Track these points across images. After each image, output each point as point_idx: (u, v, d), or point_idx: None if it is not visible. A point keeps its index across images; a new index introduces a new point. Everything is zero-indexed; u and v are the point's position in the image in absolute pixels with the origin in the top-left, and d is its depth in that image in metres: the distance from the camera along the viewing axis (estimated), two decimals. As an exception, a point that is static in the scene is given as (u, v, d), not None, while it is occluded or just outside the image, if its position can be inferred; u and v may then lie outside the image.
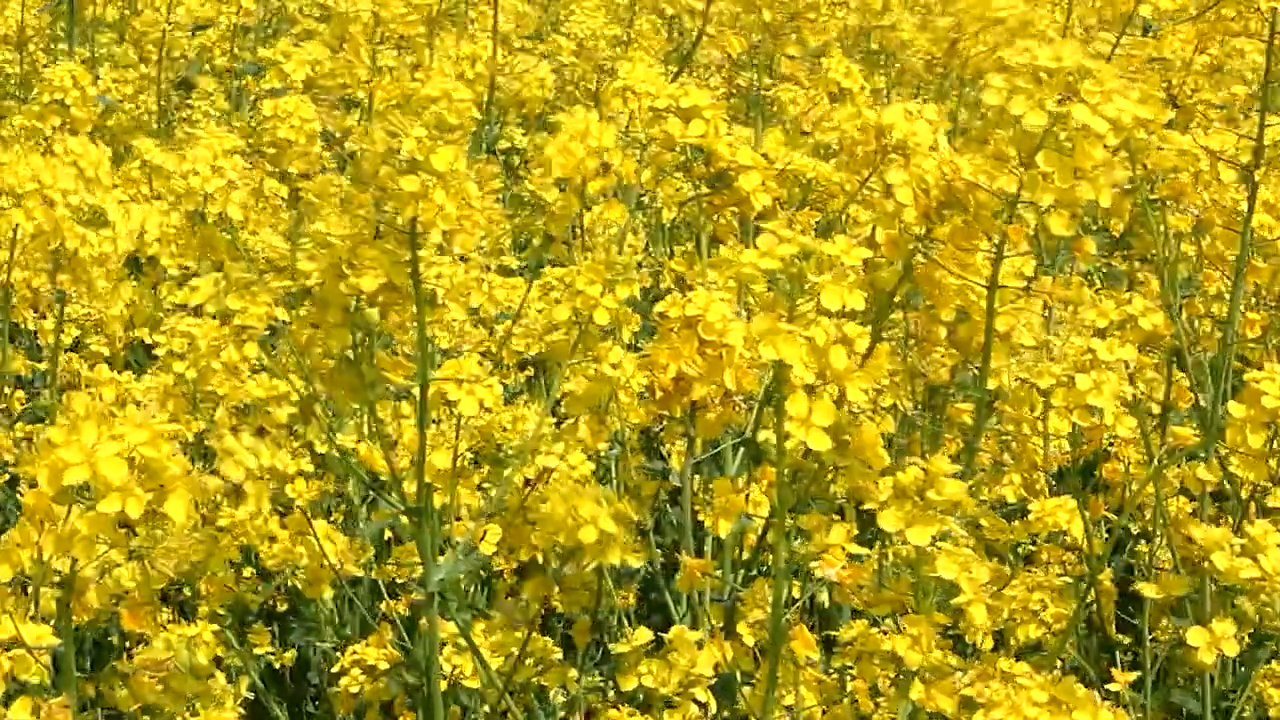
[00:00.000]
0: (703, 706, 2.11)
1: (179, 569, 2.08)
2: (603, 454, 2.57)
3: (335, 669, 2.75)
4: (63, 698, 1.99)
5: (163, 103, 4.03)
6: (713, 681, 2.11)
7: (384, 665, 2.72)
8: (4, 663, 2.10)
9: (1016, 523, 2.40)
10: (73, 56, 4.10)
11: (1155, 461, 2.41)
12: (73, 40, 4.23)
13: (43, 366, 3.35)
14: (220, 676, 2.61)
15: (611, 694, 2.50)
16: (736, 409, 2.03)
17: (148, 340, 2.95)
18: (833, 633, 2.35)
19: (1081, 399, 2.14)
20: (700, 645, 2.05)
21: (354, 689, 2.72)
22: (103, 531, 1.65)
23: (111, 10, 4.48)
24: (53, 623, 2.22)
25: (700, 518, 2.66)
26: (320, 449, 2.60)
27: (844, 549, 1.88)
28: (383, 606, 2.93)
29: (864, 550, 1.91)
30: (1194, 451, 2.60)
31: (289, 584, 2.95)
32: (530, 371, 3.21)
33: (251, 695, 2.80)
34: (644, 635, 2.05)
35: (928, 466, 1.89)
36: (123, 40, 4.35)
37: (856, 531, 1.93)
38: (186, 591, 2.86)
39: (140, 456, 1.63)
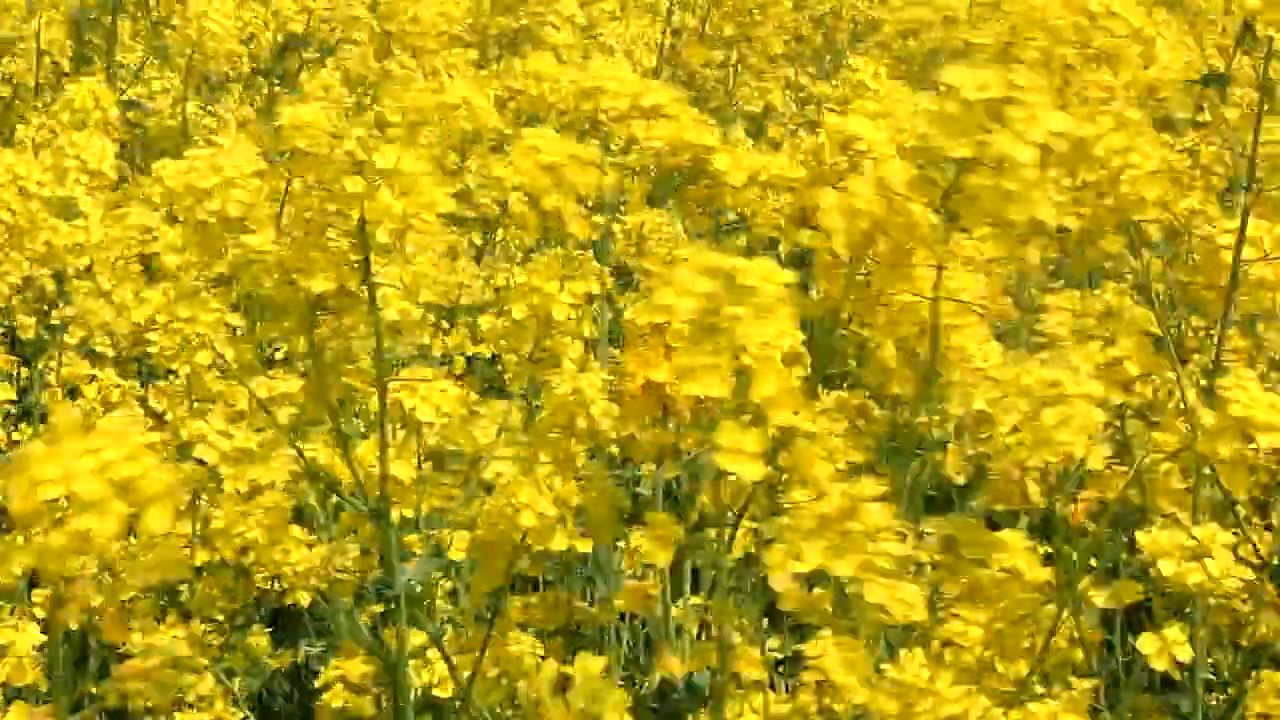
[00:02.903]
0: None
1: (148, 581, 2.09)
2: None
3: (319, 683, 2.75)
4: (49, 707, 2.01)
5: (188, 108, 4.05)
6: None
7: (368, 681, 2.71)
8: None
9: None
10: (110, 68, 4.14)
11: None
12: (112, 52, 4.26)
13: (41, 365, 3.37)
14: (209, 677, 2.63)
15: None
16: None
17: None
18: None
19: (1048, 435, 2.02)
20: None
21: (337, 704, 2.71)
22: (79, 547, 1.63)
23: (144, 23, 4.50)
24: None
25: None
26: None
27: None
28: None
29: (805, 566, 1.85)
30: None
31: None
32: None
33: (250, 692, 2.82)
34: (549, 671, 2.00)
35: (851, 492, 1.80)
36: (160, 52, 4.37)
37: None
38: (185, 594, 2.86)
39: (118, 473, 1.61)
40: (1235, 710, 2.50)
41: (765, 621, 2.22)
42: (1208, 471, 2.35)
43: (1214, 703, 2.58)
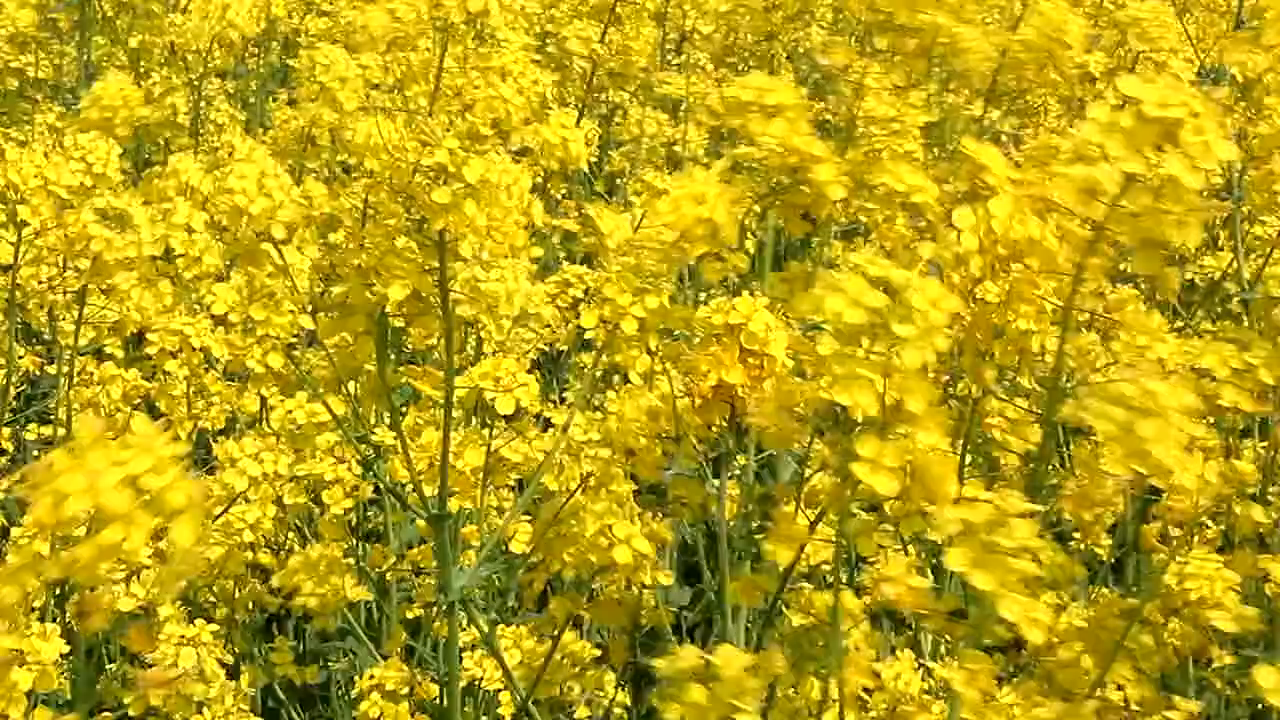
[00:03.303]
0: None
1: (177, 591, 2.07)
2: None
3: (355, 691, 2.72)
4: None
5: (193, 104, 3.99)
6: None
7: (403, 689, 2.69)
8: (24, 677, 2.13)
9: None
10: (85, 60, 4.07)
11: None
12: (86, 46, 4.19)
13: (53, 369, 3.33)
14: (221, 674, 2.60)
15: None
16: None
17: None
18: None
19: (1140, 445, 1.96)
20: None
21: (374, 713, 2.68)
22: (105, 559, 1.60)
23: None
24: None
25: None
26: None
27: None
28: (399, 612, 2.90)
29: (924, 582, 1.84)
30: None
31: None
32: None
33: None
34: (691, 656, 1.95)
35: (1000, 504, 1.75)
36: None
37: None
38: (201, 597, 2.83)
39: (145, 485, 1.58)
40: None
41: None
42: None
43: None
